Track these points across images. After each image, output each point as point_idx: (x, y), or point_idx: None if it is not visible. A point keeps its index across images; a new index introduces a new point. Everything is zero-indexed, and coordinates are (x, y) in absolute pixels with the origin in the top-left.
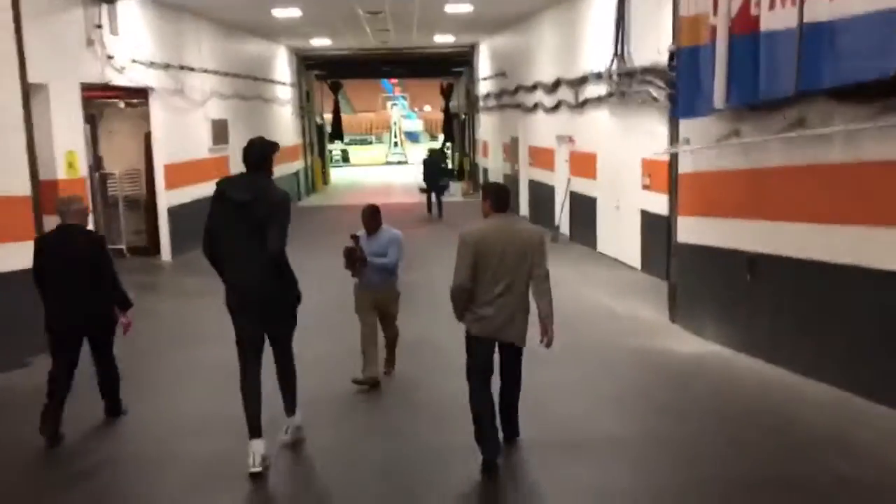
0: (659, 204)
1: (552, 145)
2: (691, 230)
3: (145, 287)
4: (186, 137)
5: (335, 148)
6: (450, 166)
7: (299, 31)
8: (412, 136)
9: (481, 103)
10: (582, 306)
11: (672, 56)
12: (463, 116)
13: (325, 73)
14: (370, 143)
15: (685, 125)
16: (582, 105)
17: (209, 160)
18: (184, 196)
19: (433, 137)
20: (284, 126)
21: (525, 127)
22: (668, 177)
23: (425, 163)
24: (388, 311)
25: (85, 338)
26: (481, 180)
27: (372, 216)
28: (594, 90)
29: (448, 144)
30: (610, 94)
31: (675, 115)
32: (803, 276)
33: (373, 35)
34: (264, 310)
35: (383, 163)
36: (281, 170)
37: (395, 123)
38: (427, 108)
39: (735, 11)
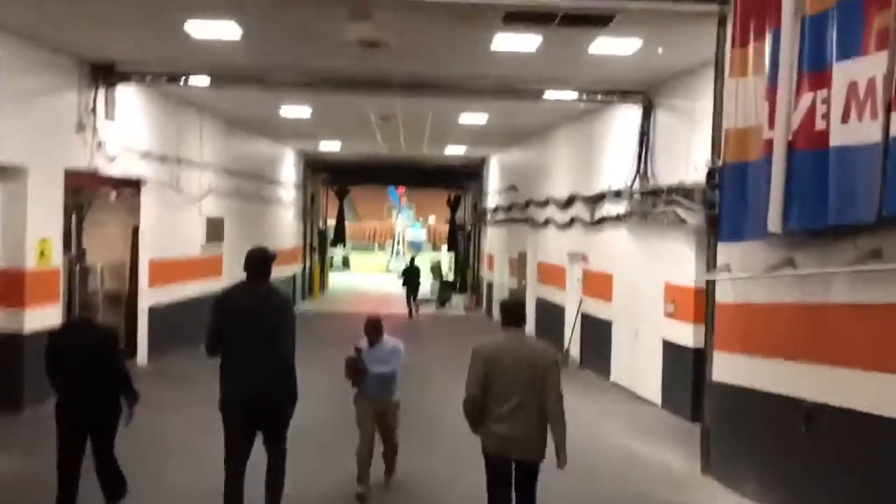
0: (684, 334)
1: (563, 263)
2: (730, 369)
3: None
4: (177, 233)
5: (336, 253)
6: (449, 278)
7: (307, 133)
8: (415, 246)
9: (489, 216)
10: (599, 447)
11: (712, 173)
12: (468, 229)
13: (331, 177)
14: (372, 250)
15: (725, 250)
16: (598, 223)
17: (201, 259)
18: (169, 295)
19: (437, 248)
20: (285, 228)
21: (535, 242)
22: (705, 306)
23: (404, 272)
24: (388, 422)
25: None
26: (485, 294)
27: (375, 328)
28: (612, 208)
29: (418, 262)
30: (630, 213)
31: (719, 238)
32: (875, 434)
33: (383, 142)
34: (264, 415)
35: (384, 271)
36: (277, 272)
37: (398, 233)
38: (432, 218)
39: (797, 123)
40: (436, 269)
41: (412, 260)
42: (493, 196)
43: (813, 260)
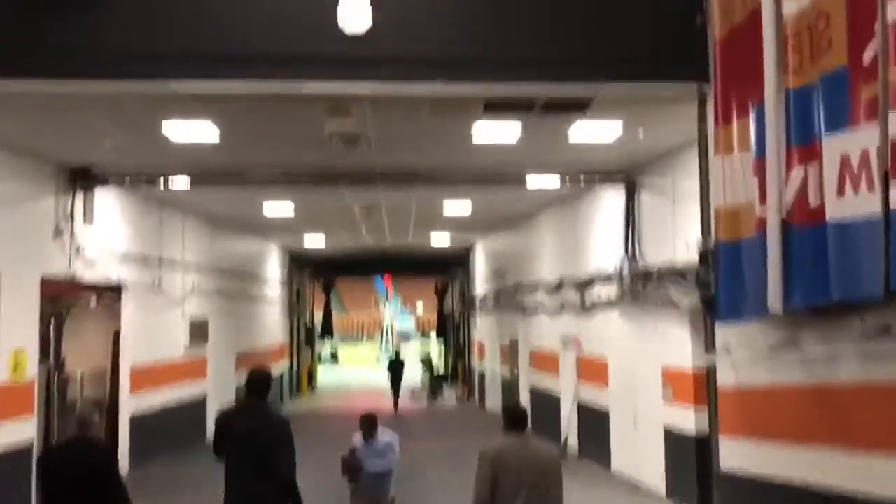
0: (685, 420)
1: (556, 349)
2: (738, 456)
3: None
4: (160, 337)
5: (325, 348)
6: (440, 369)
7: (291, 229)
8: (404, 336)
9: (477, 303)
10: None
11: (705, 253)
12: (457, 317)
13: (317, 271)
14: (361, 342)
15: (724, 331)
16: (589, 307)
17: (184, 362)
18: (151, 401)
19: (426, 336)
20: (271, 325)
21: (525, 329)
22: (706, 391)
23: (389, 366)
24: None
25: None
26: (477, 385)
27: (369, 424)
28: (603, 292)
29: (403, 356)
30: (621, 296)
31: (717, 319)
32: None
33: (368, 234)
34: None
35: (374, 363)
36: None
37: (387, 324)
38: (420, 306)
39: (790, 199)
40: (426, 362)
41: (397, 354)
42: (481, 283)
43: (817, 338)
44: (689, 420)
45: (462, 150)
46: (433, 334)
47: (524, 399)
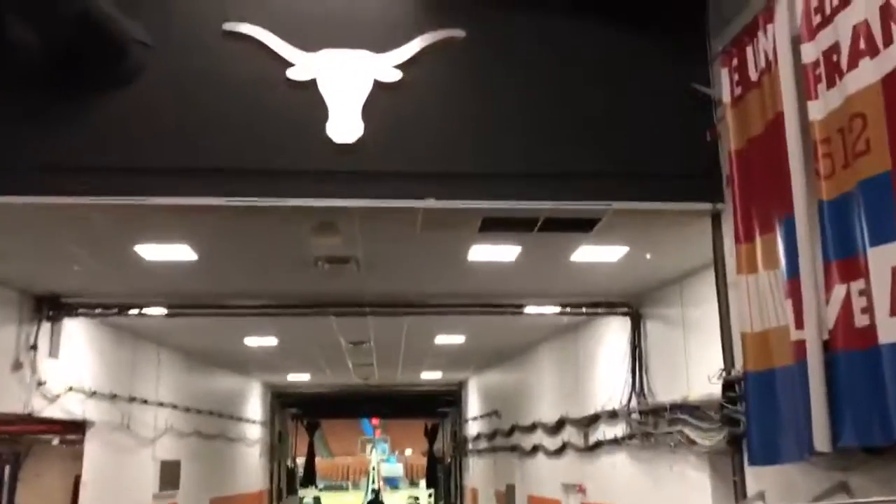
0: None
1: (557, 495)
2: None
3: None
4: (126, 481)
5: (307, 495)
6: None
7: (274, 366)
8: (392, 482)
9: (470, 445)
10: None
11: (730, 384)
12: (448, 460)
13: (300, 411)
14: (346, 489)
15: (757, 475)
16: (593, 448)
17: None
18: None
19: (414, 483)
20: (249, 469)
21: (523, 473)
22: None
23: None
24: None
25: None
26: None
27: None
28: (608, 430)
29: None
30: (630, 436)
31: (750, 462)
32: None
33: (355, 371)
34: None
35: None
36: None
37: (373, 468)
38: (408, 451)
39: (833, 320)
40: None
41: (376, 493)
42: (474, 423)
43: (873, 484)
44: None
45: (456, 274)
46: (422, 483)
47: None
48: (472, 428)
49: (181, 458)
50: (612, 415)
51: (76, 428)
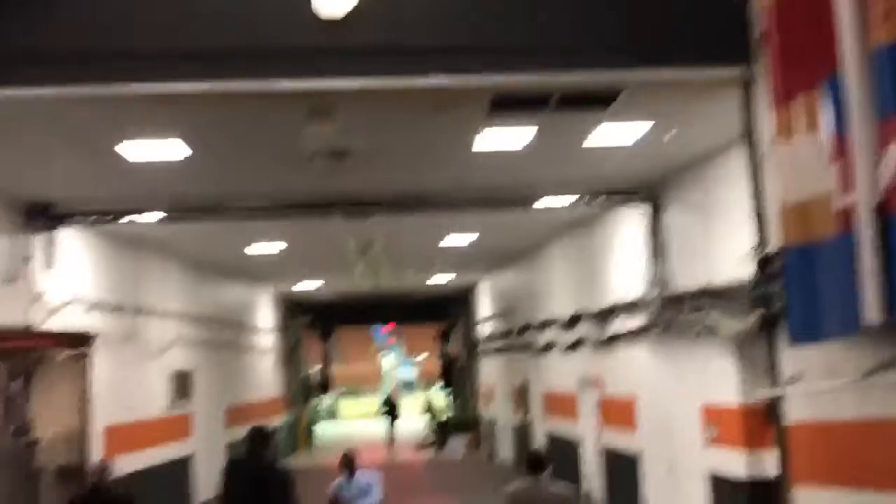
0: (734, 464)
1: (573, 390)
2: None
3: None
4: (137, 393)
5: (323, 401)
6: (445, 419)
7: (283, 272)
8: (407, 387)
9: (482, 346)
10: None
11: (764, 262)
12: (462, 362)
13: (313, 319)
14: (362, 395)
15: (794, 356)
16: (610, 341)
17: (166, 420)
18: (131, 465)
19: (429, 387)
20: (264, 377)
21: (537, 370)
22: (774, 429)
23: (384, 403)
24: None
25: None
26: (487, 433)
27: (348, 462)
28: (626, 323)
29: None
30: (649, 326)
31: (791, 341)
32: None
33: (364, 276)
34: None
35: (375, 416)
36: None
37: (387, 374)
38: (423, 356)
39: (887, 181)
40: (430, 409)
41: (388, 396)
42: (486, 324)
43: None
44: (738, 464)
45: (463, 165)
46: (437, 384)
47: (540, 442)
48: (485, 329)
49: (193, 368)
50: (630, 307)
51: (82, 341)
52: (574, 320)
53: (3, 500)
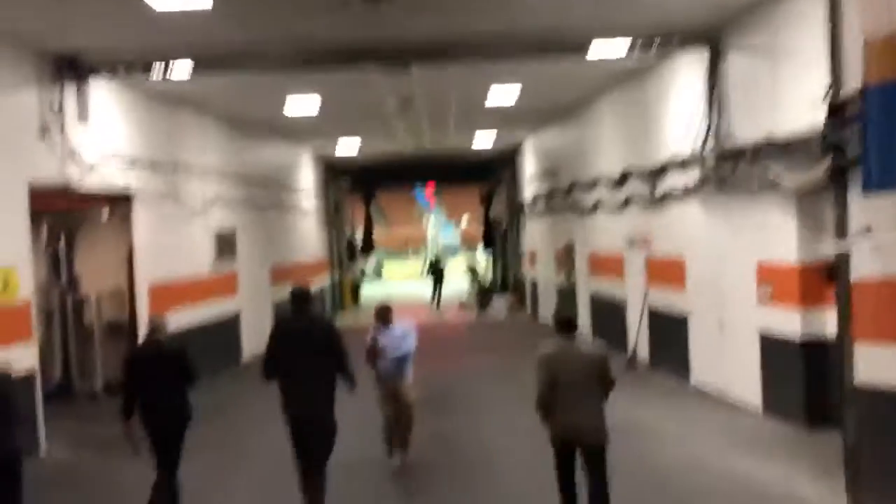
0: (788, 323)
1: (620, 250)
2: (882, 366)
3: (109, 446)
4: (181, 251)
5: (368, 263)
6: (488, 279)
7: (322, 131)
8: (450, 250)
9: (527, 208)
10: (696, 471)
11: (837, 107)
12: (505, 224)
13: (354, 181)
14: (406, 257)
15: (865, 207)
16: (661, 199)
17: (212, 278)
18: (176, 321)
19: (472, 250)
20: (308, 238)
21: (583, 230)
22: (837, 286)
23: (430, 266)
24: (404, 398)
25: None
26: (529, 295)
27: (386, 313)
28: (678, 180)
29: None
30: (703, 183)
31: (865, 189)
32: None
33: (405, 135)
34: (313, 431)
35: (419, 277)
36: None
37: (431, 236)
38: (465, 219)
39: None
40: (472, 270)
41: (436, 257)
42: (531, 185)
43: None
44: (793, 324)
45: (510, 7)
46: (479, 247)
47: (584, 307)
48: (529, 190)
49: (236, 227)
50: (684, 163)
51: (122, 200)
52: (623, 178)
53: (59, 351)
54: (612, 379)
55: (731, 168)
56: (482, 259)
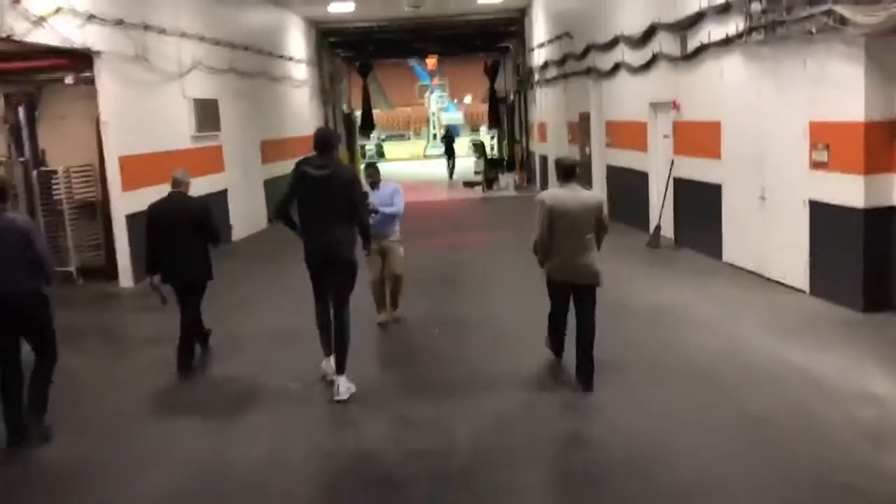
0: (849, 191)
1: (643, 117)
2: None
3: (83, 333)
4: (156, 122)
5: (369, 142)
6: (493, 154)
7: None
8: (452, 130)
9: (536, 76)
10: (748, 364)
11: None
12: (512, 98)
13: (350, 52)
14: (407, 139)
15: None
16: (693, 55)
17: (192, 151)
18: (153, 198)
19: (475, 130)
20: (301, 112)
21: (600, 98)
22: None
23: (444, 139)
24: (393, 255)
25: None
26: (538, 170)
27: (374, 173)
28: (715, 31)
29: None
30: (749, 31)
31: None
32: None
33: None
34: (333, 268)
35: (421, 158)
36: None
37: (433, 114)
38: (467, 98)
39: None
40: (478, 146)
41: (448, 132)
42: (540, 50)
43: None
44: (854, 191)
45: None
46: (483, 128)
47: (599, 180)
48: (539, 56)
49: (218, 96)
50: (724, 8)
51: (83, 61)
52: (649, 33)
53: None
54: (606, 225)
55: (783, 11)
56: (487, 140)
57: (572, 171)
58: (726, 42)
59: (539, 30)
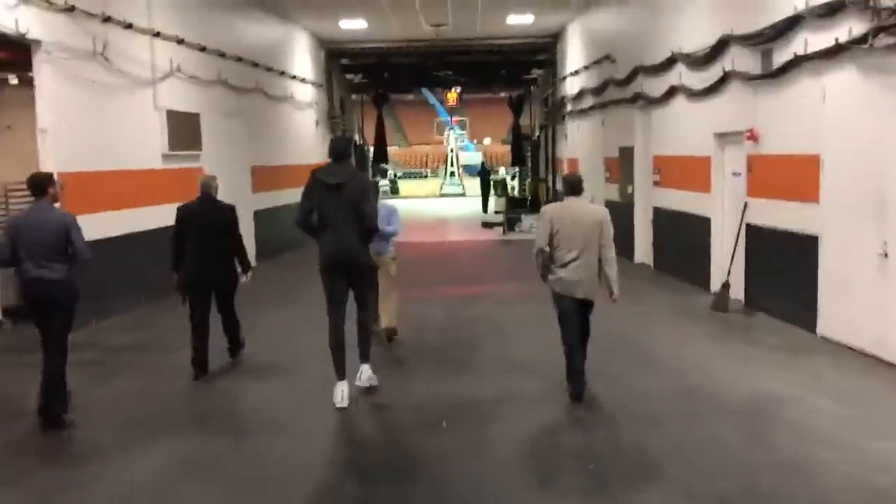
0: None
1: (705, 150)
2: None
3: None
4: (116, 133)
5: (383, 179)
6: (513, 191)
7: (323, 5)
8: (470, 170)
9: (569, 107)
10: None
11: None
12: (537, 134)
13: (363, 78)
14: (424, 177)
15: None
16: (781, 71)
17: (162, 172)
18: (111, 228)
19: (494, 172)
20: (302, 137)
21: (647, 128)
22: None
23: (480, 173)
24: (388, 272)
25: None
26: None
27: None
28: (815, 39)
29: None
30: (863, 38)
31: None
32: None
33: (424, 17)
34: (350, 270)
35: (437, 196)
36: (283, 197)
37: (451, 150)
38: (487, 140)
39: None
40: (499, 184)
41: (483, 165)
42: (574, 78)
43: None
44: None
45: None
46: (502, 170)
47: (643, 225)
48: (572, 85)
49: (200, 111)
50: (833, 8)
51: (16, 51)
52: (717, 50)
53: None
54: (610, 241)
55: None
56: (508, 178)
57: (578, 186)
58: (835, 51)
59: (574, 54)
